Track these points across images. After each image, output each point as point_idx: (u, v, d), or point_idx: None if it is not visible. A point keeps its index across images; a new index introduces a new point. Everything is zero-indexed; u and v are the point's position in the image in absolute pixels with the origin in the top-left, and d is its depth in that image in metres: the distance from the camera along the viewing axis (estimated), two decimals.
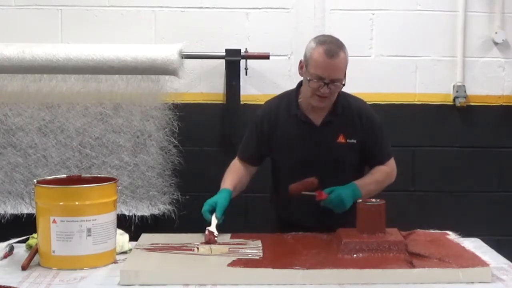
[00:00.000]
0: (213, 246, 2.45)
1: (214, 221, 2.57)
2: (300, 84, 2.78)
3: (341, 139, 2.69)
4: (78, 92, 3.52)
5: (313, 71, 2.58)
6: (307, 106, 2.71)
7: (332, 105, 2.70)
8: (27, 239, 2.60)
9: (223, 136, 3.66)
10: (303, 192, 2.61)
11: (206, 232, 2.53)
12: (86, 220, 2.34)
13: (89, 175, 2.68)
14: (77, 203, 2.34)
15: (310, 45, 2.64)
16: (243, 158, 2.86)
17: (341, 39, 3.67)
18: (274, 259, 2.31)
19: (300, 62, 2.69)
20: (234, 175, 2.81)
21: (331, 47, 2.57)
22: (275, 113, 2.76)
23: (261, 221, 3.57)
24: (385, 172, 2.81)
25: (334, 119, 2.71)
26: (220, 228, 2.85)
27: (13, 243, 2.58)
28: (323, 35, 2.74)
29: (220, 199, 2.64)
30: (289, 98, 2.77)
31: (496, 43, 3.70)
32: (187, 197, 3.62)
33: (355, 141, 2.71)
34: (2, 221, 3.52)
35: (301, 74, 2.72)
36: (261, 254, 2.38)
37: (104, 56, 3.39)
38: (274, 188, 2.92)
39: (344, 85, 2.63)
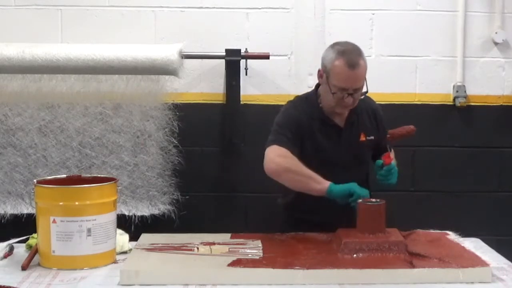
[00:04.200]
0: (213, 246, 2.45)
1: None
2: (318, 86, 2.79)
3: (362, 138, 2.77)
4: (78, 92, 3.52)
5: (335, 83, 2.60)
6: (329, 110, 2.73)
7: None
8: (27, 239, 2.60)
9: (223, 136, 3.66)
10: (387, 144, 2.69)
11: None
12: (86, 220, 2.34)
13: (89, 175, 2.69)
14: (77, 203, 2.35)
15: (329, 55, 2.63)
16: (289, 147, 2.65)
17: (342, 40, 3.68)
18: (274, 259, 2.31)
19: (319, 71, 2.70)
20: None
21: (352, 58, 2.58)
22: (303, 117, 2.73)
23: (261, 221, 3.59)
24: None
25: (355, 119, 2.78)
26: (220, 228, 2.85)
27: (13, 243, 2.58)
28: (341, 43, 2.68)
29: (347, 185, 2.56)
30: (309, 103, 2.77)
31: (496, 43, 3.69)
32: (187, 197, 3.62)
33: (373, 138, 2.81)
34: (2, 221, 3.52)
35: (320, 82, 2.73)
36: (261, 254, 2.38)
37: (104, 56, 3.39)
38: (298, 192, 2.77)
39: (366, 92, 2.68)
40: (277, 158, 2.63)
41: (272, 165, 2.64)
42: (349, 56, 2.58)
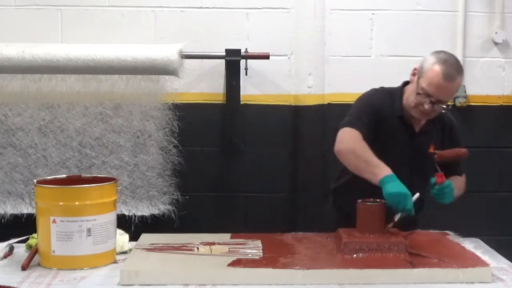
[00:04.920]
0: (213, 246, 2.45)
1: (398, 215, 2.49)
2: (405, 84, 2.79)
3: (431, 149, 2.66)
4: (78, 92, 3.52)
5: (424, 86, 2.60)
6: (407, 110, 2.73)
7: None
8: (27, 239, 2.60)
9: (223, 136, 3.66)
10: (436, 163, 2.58)
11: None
12: (86, 220, 2.34)
13: (89, 175, 2.68)
14: (77, 203, 2.34)
15: (430, 59, 2.63)
16: (362, 131, 2.64)
17: (342, 40, 3.69)
18: (274, 259, 2.31)
19: (415, 69, 2.70)
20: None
21: (450, 71, 2.57)
22: (383, 108, 2.73)
23: (261, 221, 3.59)
24: (463, 182, 2.90)
25: (430, 128, 2.76)
26: (220, 228, 2.85)
27: (13, 243, 2.58)
28: (445, 53, 2.66)
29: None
30: (393, 97, 2.77)
31: (496, 43, 3.70)
32: (187, 197, 3.62)
33: None
34: (2, 221, 3.52)
35: (411, 81, 2.73)
36: (261, 254, 2.38)
37: (104, 56, 3.39)
38: (348, 180, 2.80)
39: (448, 107, 2.66)
40: (346, 140, 2.65)
41: (340, 146, 2.66)
42: (448, 68, 2.58)
